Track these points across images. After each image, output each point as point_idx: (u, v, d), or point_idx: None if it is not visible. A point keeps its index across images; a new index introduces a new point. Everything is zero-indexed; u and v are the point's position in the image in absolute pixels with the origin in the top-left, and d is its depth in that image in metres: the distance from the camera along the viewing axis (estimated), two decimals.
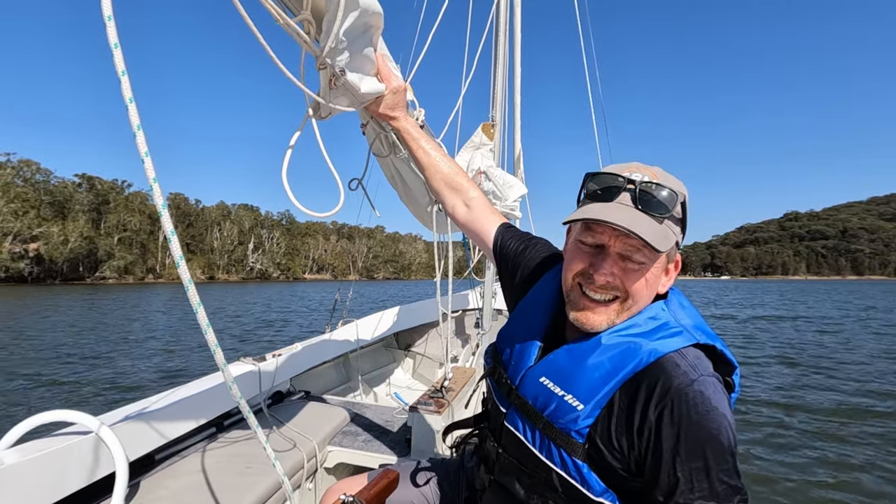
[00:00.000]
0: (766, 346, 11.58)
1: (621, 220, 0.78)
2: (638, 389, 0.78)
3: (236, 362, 2.34)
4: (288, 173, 1.01)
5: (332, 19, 0.96)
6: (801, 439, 5.05)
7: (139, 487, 1.51)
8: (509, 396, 0.95)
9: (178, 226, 77.67)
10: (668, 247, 0.80)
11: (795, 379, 7.85)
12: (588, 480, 0.80)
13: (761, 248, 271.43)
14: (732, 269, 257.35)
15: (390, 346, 4.51)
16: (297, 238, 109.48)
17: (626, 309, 0.85)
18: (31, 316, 17.74)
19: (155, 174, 0.80)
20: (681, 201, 0.84)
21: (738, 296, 41.42)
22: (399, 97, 1.23)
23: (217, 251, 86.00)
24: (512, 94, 4.42)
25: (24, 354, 9.69)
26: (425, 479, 1.26)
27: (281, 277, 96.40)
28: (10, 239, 51.56)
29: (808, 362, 9.28)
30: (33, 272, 53.25)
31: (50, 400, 6.51)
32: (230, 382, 0.92)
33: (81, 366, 8.67)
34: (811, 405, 6.27)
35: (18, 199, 53.23)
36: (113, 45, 0.71)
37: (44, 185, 59.90)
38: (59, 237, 55.22)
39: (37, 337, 12.15)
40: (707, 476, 0.72)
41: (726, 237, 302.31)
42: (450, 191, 1.28)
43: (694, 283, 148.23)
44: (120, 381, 7.51)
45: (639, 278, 0.83)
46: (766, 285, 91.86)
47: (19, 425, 1.27)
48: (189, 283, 0.84)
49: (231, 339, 12.01)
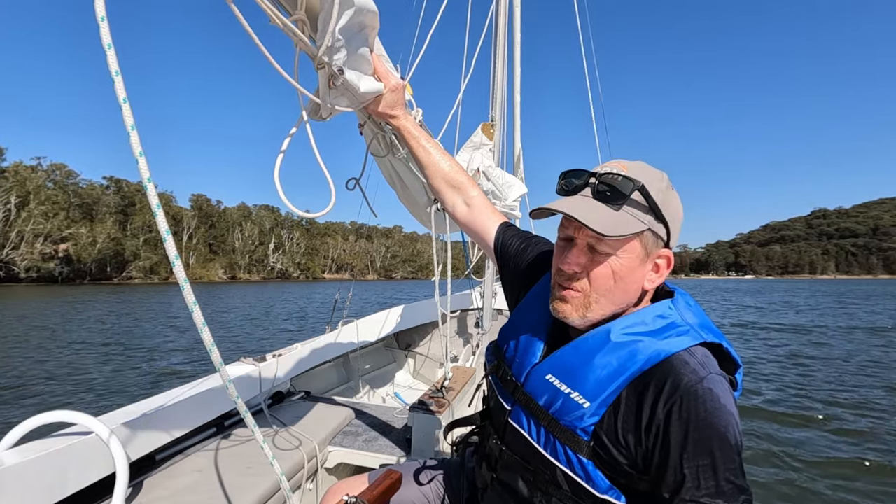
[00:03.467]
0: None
1: (572, 210, 0.81)
2: (647, 387, 0.78)
3: (237, 362, 2.36)
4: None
5: (328, 17, 0.96)
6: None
7: (140, 488, 1.52)
8: (514, 394, 0.95)
9: (200, 227, 79.53)
10: (617, 232, 0.80)
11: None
12: (593, 478, 0.80)
13: (787, 246, 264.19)
14: (757, 268, 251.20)
15: (391, 346, 4.52)
16: (316, 238, 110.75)
17: (595, 301, 0.85)
18: (80, 314, 18.32)
19: (150, 174, 0.81)
20: (638, 188, 0.82)
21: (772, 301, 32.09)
22: (398, 95, 1.22)
23: (238, 251, 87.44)
24: (511, 94, 4.40)
25: (55, 353, 10.00)
26: (426, 479, 1.26)
27: (301, 277, 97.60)
28: (41, 240, 53.30)
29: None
30: (63, 272, 54.93)
31: (84, 396, 6.70)
32: (226, 381, 0.92)
33: (112, 363, 8.93)
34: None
35: (49, 202, 55.03)
36: (106, 46, 0.71)
37: (73, 188, 61.80)
38: (87, 238, 56.92)
39: (90, 336, 12.53)
40: (714, 474, 0.71)
41: (750, 235, 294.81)
42: (450, 189, 1.27)
43: (714, 281, 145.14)
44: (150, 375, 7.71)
45: (604, 269, 0.84)
46: (796, 284, 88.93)
47: (19, 426, 1.28)
48: (184, 283, 0.84)
49: (261, 341, 12.12)
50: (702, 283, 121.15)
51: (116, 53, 0.74)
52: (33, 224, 51.83)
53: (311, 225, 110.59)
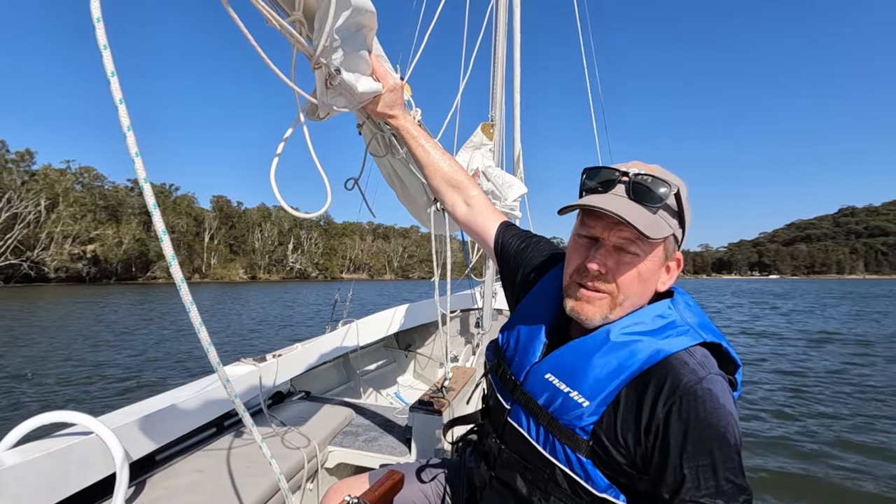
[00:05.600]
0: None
1: (613, 208, 0.79)
2: (646, 387, 0.78)
3: (237, 363, 2.37)
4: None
5: (325, 17, 0.96)
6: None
7: (140, 488, 1.52)
8: (513, 392, 0.95)
9: (221, 227, 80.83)
10: (659, 235, 0.80)
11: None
12: (592, 476, 0.80)
13: (813, 245, 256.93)
14: (782, 267, 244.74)
15: (390, 346, 4.53)
16: (334, 238, 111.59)
17: (619, 304, 0.85)
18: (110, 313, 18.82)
19: (146, 174, 0.82)
20: (674, 192, 0.83)
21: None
22: (396, 95, 1.22)
23: (258, 252, 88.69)
24: (511, 94, 4.37)
25: (78, 351, 10.28)
26: (427, 479, 1.26)
27: (319, 277, 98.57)
28: (70, 241, 54.92)
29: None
30: (90, 272, 56.51)
31: (110, 393, 6.82)
32: (224, 381, 0.92)
33: (135, 360, 9.15)
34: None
35: (77, 204, 56.64)
36: (102, 47, 0.72)
37: (99, 190, 63.54)
38: (113, 239, 58.39)
39: (126, 334, 12.85)
40: (714, 474, 0.72)
41: (774, 234, 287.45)
42: (450, 189, 1.27)
43: (739, 281, 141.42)
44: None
45: (632, 271, 0.83)
46: (825, 285, 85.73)
47: (20, 426, 1.28)
48: (181, 283, 0.85)
49: (289, 340, 12.16)
50: (725, 283, 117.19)
51: (112, 55, 0.75)
52: (62, 226, 53.38)
53: (328, 225, 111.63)
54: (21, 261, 49.47)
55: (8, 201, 48.93)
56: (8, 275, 48.30)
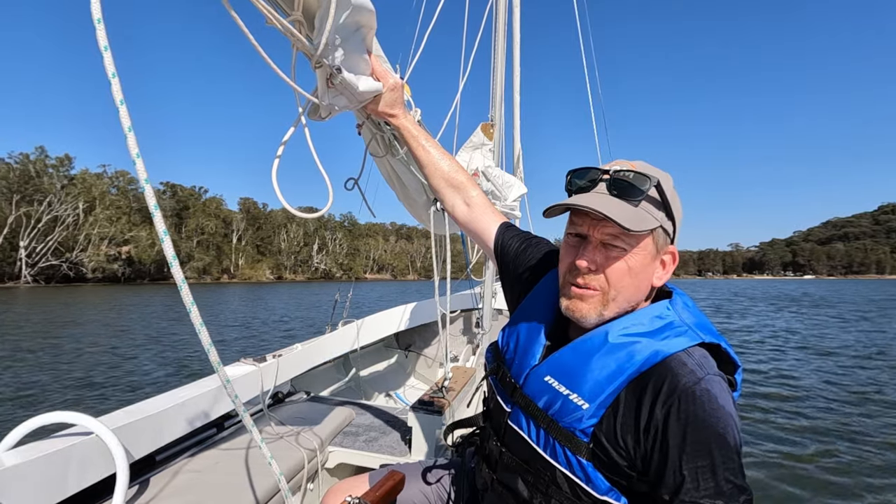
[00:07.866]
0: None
1: (595, 205, 0.81)
2: (645, 388, 0.78)
3: (237, 363, 2.37)
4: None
5: (325, 16, 0.96)
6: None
7: (140, 488, 1.51)
8: (513, 395, 0.95)
9: (248, 229, 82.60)
10: (643, 228, 0.81)
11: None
12: (593, 479, 0.80)
13: (851, 244, 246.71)
14: (817, 267, 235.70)
15: (391, 346, 4.53)
16: (358, 239, 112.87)
17: (612, 299, 0.85)
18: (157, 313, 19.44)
19: (147, 175, 0.83)
20: (654, 184, 0.83)
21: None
22: (397, 94, 1.23)
23: (284, 252, 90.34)
24: (511, 94, 4.32)
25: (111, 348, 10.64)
26: (427, 480, 1.26)
27: (343, 277, 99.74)
28: (106, 243, 57.05)
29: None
30: (125, 273, 58.57)
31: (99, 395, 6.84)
32: (224, 381, 0.93)
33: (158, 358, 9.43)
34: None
35: (112, 207, 58.80)
36: (103, 48, 0.73)
37: (133, 193, 65.72)
38: (146, 241, 60.33)
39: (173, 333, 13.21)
40: (713, 475, 0.71)
41: (809, 233, 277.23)
42: (450, 189, 1.27)
43: (771, 282, 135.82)
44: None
45: (621, 266, 0.84)
46: (866, 285, 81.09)
47: (20, 427, 1.28)
48: (182, 283, 0.86)
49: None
50: (757, 283, 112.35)
51: (113, 55, 0.76)
52: (99, 228, 55.46)
53: (352, 226, 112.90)
54: (61, 262, 51.64)
55: (49, 205, 51.11)
56: (49, 275, 50.50)
